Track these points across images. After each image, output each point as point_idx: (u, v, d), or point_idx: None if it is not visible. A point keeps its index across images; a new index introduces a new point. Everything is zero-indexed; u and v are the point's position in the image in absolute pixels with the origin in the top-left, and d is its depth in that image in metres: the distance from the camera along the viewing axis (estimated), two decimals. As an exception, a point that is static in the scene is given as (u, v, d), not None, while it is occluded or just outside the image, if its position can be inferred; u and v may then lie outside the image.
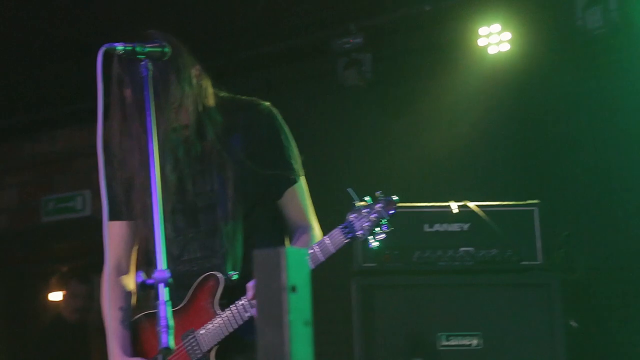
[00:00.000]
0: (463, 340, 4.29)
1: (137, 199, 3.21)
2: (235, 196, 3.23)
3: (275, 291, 1.52)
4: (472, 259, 4.38)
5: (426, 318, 4.33)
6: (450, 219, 4.42)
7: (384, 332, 4.33)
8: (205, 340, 3.18)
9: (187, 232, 3.27)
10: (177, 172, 3.22)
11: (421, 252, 4.39)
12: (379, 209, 3.10)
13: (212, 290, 3.20)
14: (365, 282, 4.39)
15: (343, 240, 3.10)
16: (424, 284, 4.39)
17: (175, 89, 3.11)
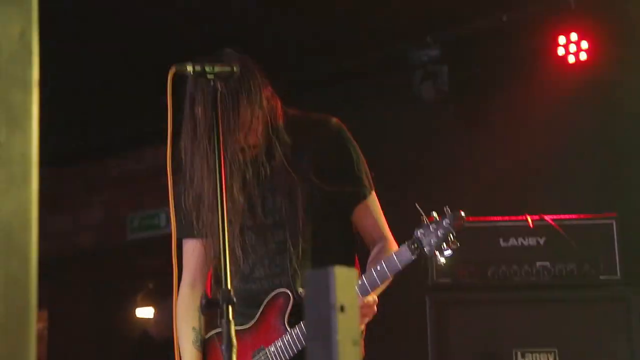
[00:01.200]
0: (539, 357, 4.24)
1: (206, 217, 3.27)
2: (304, 214, 3.26)
3: (324, 311, 1.54)
4: (548, 274, 4.33)
5: (501, 334, 4.29)
6: (526, 233, 4.38)
7: (458, 348, 4.31)
8: (275, 357, 3.21)
9: (257, 251, 3.31)
10: (246, 192, 3.26)
11: (496, 267, 4.35)
12: (446, 224, 3.09)
13: (282, 308, 3.23)
14: (439, 298, 4.38)
15: (410, 257, 3.10)
16: (499, 299, 4.35)
17: (245, 110, 3.16)
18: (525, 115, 5.97)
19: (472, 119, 6.14)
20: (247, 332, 3.26)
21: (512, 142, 5.95)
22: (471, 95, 6.20)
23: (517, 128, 5.97)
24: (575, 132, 5.81)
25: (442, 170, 6.07)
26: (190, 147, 3.26)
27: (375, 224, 3.41)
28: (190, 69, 2.87)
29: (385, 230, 3.43)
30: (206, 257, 3.43)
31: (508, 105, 6.03)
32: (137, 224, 8.58)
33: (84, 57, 6.74)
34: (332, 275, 1.54)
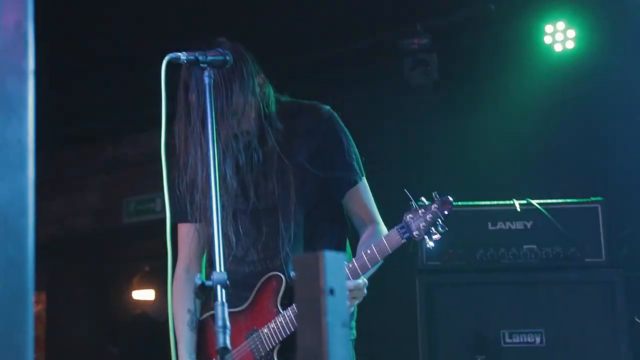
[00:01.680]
0: (526, 338, 4.26)
1: (199, 202, 3.28)
2: (296, 199, 3.27)
3: (314, 294, 1.55)
4: (535, 257, 4.35)
5: (489, 316, 4.31)
6: (513, 217, 4.39)
7: (447, 329, 4.33)
8: (268, 339, 3.23)
9: (250, 235, 3.32)
10: (239, 177, 3.27)
11: (484, 250, 4.37)
12: (435, 209, 3.11)
13: (275, 291, 3.25)
14: (429, 280, 4.39)
15: (399, 240, 3.12)
16: (487, 281, 4.37)
17: (237, 97, 3.17)
18: (512, 102, 5.98)
19: (461, 106, 6.16)
20: (241, 314, 3.28)
21: (500, 129, 5.97)
22: (460, 82, 6.21)
23: (504, 115, 5.99)
24: (561, 118, 5.82)
25: (431, 156, 6.09)
26: (183, 134, 3.26)
27: (365, 208, 3.43)
28: (184, 57, 2.88)
29: (376, 215, 3.45)
30: (200, 241, 3.44)
31: (496, 93, 6.05)
32: (133, 208, 8.59)
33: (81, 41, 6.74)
34: (322, 259, 1.55)
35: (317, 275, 1.55)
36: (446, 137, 6.12)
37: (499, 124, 5.98)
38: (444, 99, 6.26)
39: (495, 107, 6.03)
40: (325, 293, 1.54)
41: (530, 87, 5.95)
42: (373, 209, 3.45)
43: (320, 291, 1.54)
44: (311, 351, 1.53)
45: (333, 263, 1.56)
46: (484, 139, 5.98)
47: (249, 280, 3.30)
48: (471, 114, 6.05)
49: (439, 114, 6.22)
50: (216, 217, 2.59)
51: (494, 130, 5.98)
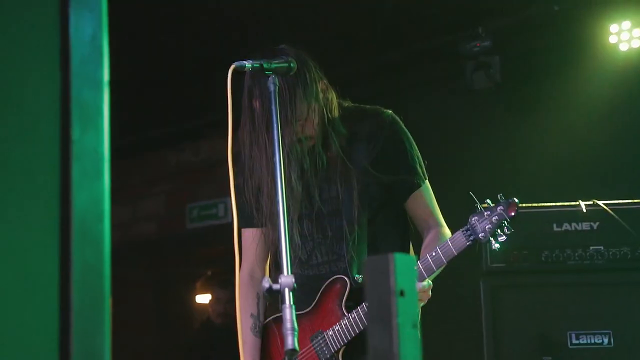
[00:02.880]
0: (594, 339, 4.22)
1: (265, 207, 3.32)
2: (359, 203, 3.29)
3: (385, 295, 1.57)
4: (602, 258, 4.30)
5: (556, 317, 4.28)
6: (579, 218, 4.35)
7: (513, 331, 4.30)
8: (333, 341, 3.25)
9: (314, 238, 3.35)
10: (303, 181, 3.31)
11: (550, 251, 4.34)
12: (500, 211, 3.11)
13: (339, 293, 3.27)
14: (494, 283, 4.37)
15: (465, 242, 3.13)
16: (553, 283, 4.33)
17: (301, 103, 3.20)
18: (577, 103, 5.93)
19: (523, 108, 6.12)
20: (305, 316, 3.31)
21: (565, 130, 5.92)
22: (523, 84, 6.17)
23: (569, 116, 5.94)
24: (628, 119, 5.76)
25: (495, 158, 6.06)
26: (248, 139, 3.31)
27: (429, 211, 3.44)
28: (249, 65, 2.92)
29: (439, 218, 3.46)
30: (265, 246, 3.48)
31: (560, 94, 6.00)
32: (196, 214, 8.69)
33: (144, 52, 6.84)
34: (392, 261, 1.57)
35: (387, 277, 1.57)
36: (510, 139, 6.09)
37: (563, 125, 5.94)
38: (506, 101, 6.23)
39: (559, 107, 5.99)
40: (395, 294, 1.56)
41: (595, 87, 5.89)
42: (436, 211, 3.47)
43: (390, 292, 1.56)
44: (382, 352, 1.55)
45: (403, 265, 1.58)
46: (548, 140, 5.94)
47: (313, 283, 3.33)
48: (534, 115, 6.02)
49: (501, 116, 6.20)
50: (283, 220, 2.62)
51: (558, 131, 5.93)
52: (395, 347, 1.54)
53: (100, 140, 1.51)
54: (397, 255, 1.58)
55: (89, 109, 1.50)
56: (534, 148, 5.95)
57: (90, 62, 1.48)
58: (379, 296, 1.58)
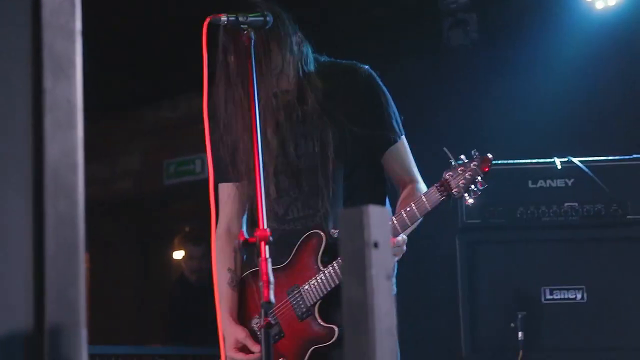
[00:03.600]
0: (567, 294, 4.27)
1: (241, 162, 3.31)
2: (335, 157, 3.29)
3: (359, 247, 1.57)
4: (576, 214, 4.34)
5: (530, 273, 4.32)
6: (554, 174, 4.38)
7: (488, 287, 4.34)
8: (309, 295, 3.26)
9: (290, 193, 3.35)
10: (279, 135, 3.30)
11: (525, 208, 4.37)
12: (474, 167, 3.11)
13: (315, 248, 3.28)
14: (469, 238, 4.40)
15: (439, 198, 3.14)
16: (527, 239, 4.37)
17: (276, 56, 3.20)
18: (553, 60, 5.93)
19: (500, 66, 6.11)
20: (282, 271, 3.31)
21: (541, 87, 5.93)
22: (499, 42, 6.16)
23: (545, 73, 5.94)
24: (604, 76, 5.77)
25: (470, 115, 6.06)
26: (224, 95, 3.30)
27: (405, 167, 3.45)
28: (224, 19, 2.91)
29: (415, 174, 3.46)
30: (242, 201, 3.48)
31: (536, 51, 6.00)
32: (173, 170, 8.67)
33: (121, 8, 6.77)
34: (366, 213, 1.57)
35: (361, 229, 1.56)
36: (485, 96, 6.09)
37: (539, 83, 5.94)
38: (483, 59, 6.22)
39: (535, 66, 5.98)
40: (369, 246, 1.56)
41: (571, 45, 5.89)
42: (412, 167, 3.47)
43: (364, 244, 1.56)
44: (356, 303, 1.55)
45: (377, 217, 1.58)
46: (523, 97, 5.94)
47: (290, 238, 3.33)
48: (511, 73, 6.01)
49: (478, 73, 6.19)
50: (259, 175, 2.62)
51: (534, 89, 5.94)
52: (369, 298, 1.54)
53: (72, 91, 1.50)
54: (371, 208, 1.58)
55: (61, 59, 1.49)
56: (510, 106, 5.96)
57: (62, 11, 1.46)
58: (353, 248, 1.58)
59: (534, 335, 4.22)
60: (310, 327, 3.28)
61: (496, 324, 4.32)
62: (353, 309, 1.56)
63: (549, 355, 4.24)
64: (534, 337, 4.21)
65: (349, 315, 1.57)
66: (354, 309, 1.56)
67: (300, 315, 3.29)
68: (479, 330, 4.34)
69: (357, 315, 1.55)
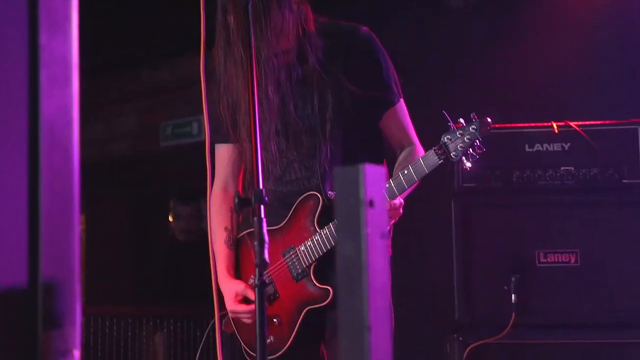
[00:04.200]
0: (561, 257, 4.28)
1: (242, 122, 3.31)
2: (334, 117, 3.29)
3: (354, 206, 1.58)
4: (572, 178, 4.33)
5: (525, 237, 4.32)
6: (551, 138, 4.37)
7: (483, 251, 4.35)
8: (305, 257, 3.28)
9: (289, 154, 3.35)
10: (279, 95, 3.30)
11: (521, 171, 4.36)
12: (473, 130, 3.12)
13: (312, 209, 3.29)
14: (465, 202, 4.40)
15: (437, 161, 3.14)
16: (523, 203, 4.37)
17: (276, 15, 3.19)
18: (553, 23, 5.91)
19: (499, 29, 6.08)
20: (278, 232, 3.33)
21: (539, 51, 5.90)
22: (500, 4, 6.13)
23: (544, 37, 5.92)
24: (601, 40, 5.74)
25: (469, 79, 6.04)
26: (223, 55, 3.30)
27: (402, 130, 3.45)
28: None
29: (413, 136, 3.47)
30: (239, 161, 3.49)
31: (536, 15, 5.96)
32: (170, 132, 8.66)
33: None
34: (362, 171, 1.58)
35: (357, 187, 1.57)
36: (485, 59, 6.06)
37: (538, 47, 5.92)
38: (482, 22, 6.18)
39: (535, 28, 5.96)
40: (365, 205, 1.56)
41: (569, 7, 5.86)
42: (410, 130, 3.47)
43: (360, 203, 1.57)
44: (350, 261, 1.56)
45: (373, 175, 1.58)
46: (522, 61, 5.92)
47: (287, 199, 3.35)
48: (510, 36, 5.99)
49: (477, 37, 6.16)
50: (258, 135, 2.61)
51: (533, 52, 5.91)
52: (364, 256, 1.55)
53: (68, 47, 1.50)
54: (367, 166, 1.58)
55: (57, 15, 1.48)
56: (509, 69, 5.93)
57: (58, -33, 1.46)
58: (348, 206, 1.59)
59: (528, 299, 4.24)
60: (305, 288, 3.30)
61: (490, 288, 4.34)
62: (347, 267, 1.57)
63: (542, 318, 4.26)
64: (528, 300, 4.23)
65: (343, 273, 1.58)
66: (348, 267, 1.57)
67: (296, 276, 3.31)
68: (472, 294, 4.36)
69: (351, 273, 1.57)
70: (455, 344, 4.28)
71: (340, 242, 1.59)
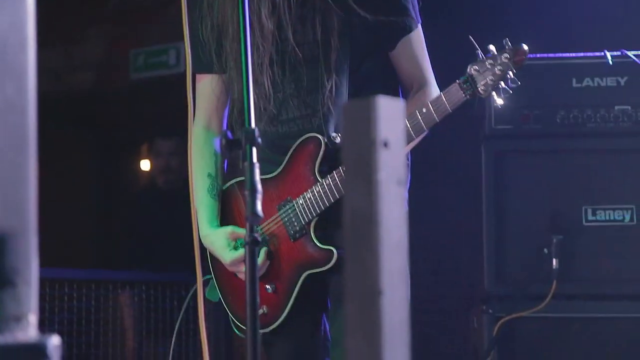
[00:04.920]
0: (613, 215, 4.30)
1: (228, 48, 3.31)
2: (340, 47, 3.28)
3: (365, 146, 1.57)
4: (628, 120, 4.34)
5: (570, 189, 4.34)
6: (604, 71, 4.37)
7: (519, 205, 4.37)
8: (304, 211, 3.29)
9: (285, 88, 3.35)
10: (275, 18, 3.29)
11: (567, 111, 4.37)
12: (505, 60, 3.10)
13: (312, 155, 3.29)
14: (498, 147, 4.41)
15: (462, 96, 3.13)
16: (568, 149, 4.38)
17: None
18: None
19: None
20: (272, 181, 3.34)
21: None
22: None
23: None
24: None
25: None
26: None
27: (417, 64, 3.43)
28: None
29: (429, 74, 3.45)
30: (225, 95, 3.49)
31: None
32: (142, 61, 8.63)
33: None
34: (375, 106, 1.57)
35: (368, 124, 1.57)
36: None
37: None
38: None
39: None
40: (377, 145, 1.56)
41: None
42: (426, 66, 3.45)
43: (371, 143, 1.56)
44: (360, 213, 1.56)
45: (389, 110, 1.58)
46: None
47: (283, 142, 3.35)
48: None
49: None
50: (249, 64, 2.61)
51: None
52: (376, 207, 1.55)
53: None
54: (381, 99, 1.58)
55: None
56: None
57: None
58: (358, 148, 1.59)
59: (572, 264, 4.26)
60: (304, 249, 3.31)
61: (527, 251, 4.36)
62: (357, 220, 1.58)
63: (589, 287, 4.29)
64: (572, 265, 4.26)
65: (352, 228, 1.59)
66: (358, 221, 1.57)
67: (293, 234, 3.32)
68: (505, 259, 4.39)
69: (362, 227, 1.57)
70: (484, 318, 4.32)
71: (349, 191, 1.60)
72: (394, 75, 3.46)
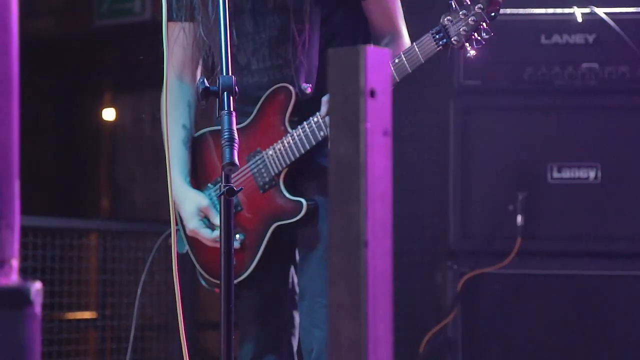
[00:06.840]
0: (578, 173, 4.32)
1: (199, -4, 3.27)
2: (311, -5, 3.25)
3: (351, 96, 1.56)
4: (595, 77, 4.35)
5: (536, 146, 4.35)
6: (572, 28, 4.37)
7: (485, 161, 4.38)
8: (273, 162, 3.27)
9: (255, 37, 3.31)
10: (243, -35, 3.26)
11: (534, 68, 4.37)
12: (479, 10, 3.08)
13: (283, 105, 3.26)
14: (466, 103, 4.41)
15: (434, 47, 3.11)
16: (535, 105, 4.38)
17: None
18: None
19: None
20: (241, 132, 3.28)
21: None
22: None
23: None
24: None
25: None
26: None
27: (389, 16, 3.40)
28: None
29: (401, 26, 3.43)
30: (197, 44, 3.44)
31: None
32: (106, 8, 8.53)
33: None
34: (363, 54, 1.56)
35: (355, 73, 1.55)
36: None
37: None
38: None
39: None
40: (364, 94, 1.55)
41: None
42: (399, 16, 3.43)
43: (359, 92, 1.55)
44: (345, 162, 1.55)
45: (376, 59, 1.56)
46: None
47: (252, 92, 3.32)
48: None
49: None
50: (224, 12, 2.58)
51: None
52: (362, 156, 1.54)
53: None
54: (370, 48, 1.57)
55: None
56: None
57: None
58: (344, 96, 1.57)
59: (537, 221, 4.28)
60: (273, 200, 3.30)
61: (492, 207, 4.38)
62: (342, 170, 1.56)
63: (553, 244, 4.32)
64: (537, 222, 4.28)
65: (336, 178, 1.57)
66: (343, 170, 1.56)
67: (262, 185, 3.30)
68: (471, 214, 4.40)
69: (347, 177, 1.56)
70: (448, 273, 4.34)
71: (334, 140, 1.58)
72: (365, 25, 3.43)
